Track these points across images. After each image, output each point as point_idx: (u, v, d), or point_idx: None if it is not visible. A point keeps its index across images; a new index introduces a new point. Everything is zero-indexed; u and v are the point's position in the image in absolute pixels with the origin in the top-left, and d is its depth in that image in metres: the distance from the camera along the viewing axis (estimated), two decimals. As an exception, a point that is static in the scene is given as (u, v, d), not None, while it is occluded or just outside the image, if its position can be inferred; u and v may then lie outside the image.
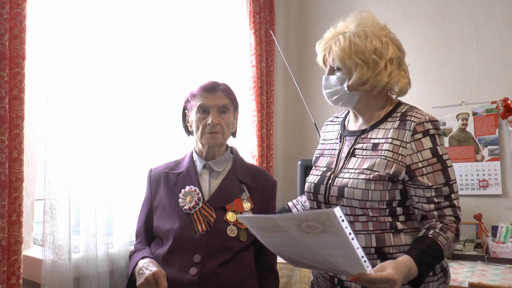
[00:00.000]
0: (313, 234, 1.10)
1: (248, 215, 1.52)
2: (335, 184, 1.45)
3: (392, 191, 1.39)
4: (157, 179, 1.74)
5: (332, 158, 1.55)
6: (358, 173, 1.41)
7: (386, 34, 1.48)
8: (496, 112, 2.66)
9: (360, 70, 1.43)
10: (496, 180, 2.65)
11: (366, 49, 1.42)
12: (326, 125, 1.73)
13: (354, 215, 1.41)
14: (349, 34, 1.45)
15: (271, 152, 3.11)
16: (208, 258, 1.54)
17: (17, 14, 1.65)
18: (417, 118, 1.40)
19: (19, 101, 1.65)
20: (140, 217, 1.77)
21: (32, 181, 1.91)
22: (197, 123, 1.66)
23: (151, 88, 2.30)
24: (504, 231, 2.50)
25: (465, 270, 2.27)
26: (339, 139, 1.59)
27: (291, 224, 1.11)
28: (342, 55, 1.43)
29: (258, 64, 3.01)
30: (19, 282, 1.63)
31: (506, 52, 2.67)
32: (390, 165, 1.38)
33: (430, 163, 1.37)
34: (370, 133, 1.49)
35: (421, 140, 1.38)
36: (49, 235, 1.78)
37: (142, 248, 1.68)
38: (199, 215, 1.59)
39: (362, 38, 1.43)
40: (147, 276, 1.46)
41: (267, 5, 3.20)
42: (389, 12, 3.13)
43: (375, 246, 1.38)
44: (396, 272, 1.17)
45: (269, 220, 1.17)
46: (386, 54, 1.45)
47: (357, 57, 1.42)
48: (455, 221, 1.36)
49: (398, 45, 1.50)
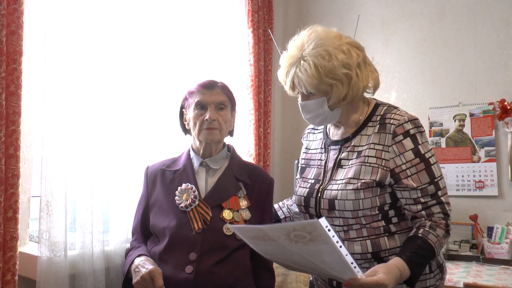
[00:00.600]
0: (302, 243, 1.12)
1: (239, 226, 1.53)
2: (324, 197, 1.45)
3: (381, 195, 1.40)
4: (154, 176, 1.74)
5: (319, 169, 1.55)
6: (345, 183, 1.41)
7: (343, 42, 1.43)
8: (493, 113, 2.67)
9: (336, 89, 1.40)
10: (492, 181, 2.65)
11: (335, 67, 1.38)
12: (309, 134, 1.72)
13: (348, 224, 1.42)
14: (311, 58, 1.39)
15: (268, 151, 3.11)
16: (204, 256, 1.54)
17: (15, 10, 1.65)
18: (396, 120, 1.39)
19: (16, 97, 1.64)
20: (136, 214, 1.77)
21: (28, 178, 1.90)
22: (195, 120, 1.66)
23: (149, 86, 2.29)
24: (500, 232, 2.51)
25: (460, 270, 2.28)
26: (324, 148, 1.58)
27: (280, 234, 1.13)
28: (314, 81, 1.39)
29: (256, 63, 3.01)
30: (14, 278, 1.62)
31: (503, 53, 2.68)
32: (375, 171, 1.38)
33: (413, 164, 1.37)
34: (353, 141, 1.48)
35: (402, 142, 1.38)
36: (45, 232, 1.78)
37: (138, 245, 1.67)
38: (195, 213, 1.59)
39: (326, 58, 1.38)
40: (143, 274, 1.46)
41: (266, 3, 3.19)
42: (387, 12, 3.14)
43: (371, 251, 1.39)
44: (387, 276, 1.18)
45: (259, 230, 1.19)
46: (353, 62, 1.41)
47: (329, 78, 1.38)
48: (443, 218, 1.37)
49: (357, 45, 1.46)
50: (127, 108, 2.17)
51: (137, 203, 1.78)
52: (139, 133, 2.21)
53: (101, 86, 2.03)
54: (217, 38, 2.79)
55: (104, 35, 2.06)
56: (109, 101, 2.07)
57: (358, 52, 1.44)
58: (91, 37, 2.00)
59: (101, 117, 2.02)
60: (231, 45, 2.89)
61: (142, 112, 2.24)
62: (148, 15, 2.33)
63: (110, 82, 2.09)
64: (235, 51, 2.92)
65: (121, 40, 2.17)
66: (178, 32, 2.52)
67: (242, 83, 2.94)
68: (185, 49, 2.56)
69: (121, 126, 2.14)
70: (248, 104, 2.96)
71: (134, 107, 2.20)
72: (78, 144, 1.93)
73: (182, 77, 2.47)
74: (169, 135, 2.32)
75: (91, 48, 2.00)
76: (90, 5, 2.00)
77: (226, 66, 2.84)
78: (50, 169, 1.81)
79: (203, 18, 2.70)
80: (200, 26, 2.67)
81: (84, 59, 1.97)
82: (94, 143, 1.97)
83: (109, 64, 2.08)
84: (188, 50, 2.57)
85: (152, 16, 2.35)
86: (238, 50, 2.94)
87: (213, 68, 2.73)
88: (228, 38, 2.88)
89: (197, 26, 2.65)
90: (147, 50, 2.30)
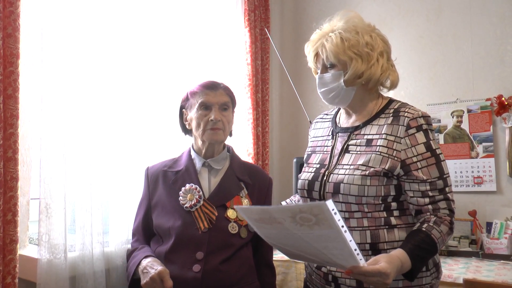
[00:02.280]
0: (307, 227, 1.11)
1: (245, 206, 1.57)
2: (330, 181, 1.46)
3: (387, 186, 1.41)
4: (155, 177, 1.75)
5: (325, 154, 1.56)
6: (354, 169, 1.42)
7: (372, 30, 1.52)
8: (490, 109, 2.68)
9: (355, 63, 1.45)
10: (490, 177, 2.66)
11: (359, 43, 1.45)
12: (316, 122, 1.74)
13: (350, 211, 1.42)
14: (339, 30, 1.48)
15: (266, 150, 3.11)
16: (210, 255, 1.57)
17: (11, 12, 1.64)
18: (410, 114, 1.43)
19: (13, 100, 1.64)
20: (137, 215, 1.78)
21: (27, 180, 1.90)
22: (198, 120, 1.68)
23: (146, 86, 2.29)
24: (499, 227, 2.51)
25: (460, 266, 2.28)
26: (331, 135, 1.60)
27: (286, 216, 1.13)
28: (336, 50, 1.45)
29: (253, 62, 3.01)
30: (14, 281, 1.62)
31: (500, 49, 2.68)
32: (385, 160, 1.40)
33: (425, 157, 1.39)
34: (363, 129, 1.50)
35: (415, 135, 1.40)
36: (44, 234, 1.78)
37: (141, 246, 1.69)
38: (200, 213, 1.61)
39: (353, 33, 1.46)
40: (153, 275, 1.48)
41: (262, 3, 3.19)
42: (383, 9, 3.14)
43: (370, 242, 1.40)
44: (389, 265, 1.18)
45: (264, 212, 1.19)
46: (377, 47, 1.48)
47: (351, 51, 1.45)
48: (449, 214, 1.38)
49: (385, 40, 1.54)
50: (126, 109, 2.17)
51: (138, 204, 1.79)
52: (138, 134, 2.20)
53: (99, 87, 2.03)
54: (214, 38, 2.79)
55: (101, 35, 2.06)
56: (107, 102, 2.07)
57: (384, 44, 1.51)
58: (88, 39, 2.00)
59: (99, 119, 2.02)
60: (228, 44, 2.89)
61: (141, 113, 2.23)
62: (144, 16, 2.33)
63: (108, 83, 2.08)
64: (232, 51, 2.92)
65: (118, 41, 2.16)
66: (175, 32, 2.52)
67: (239, 82, 2.94)
68: (182, 49, 2.55)
69: (120, 127, 2.13)
70: (246, 103, 2.96)
71: (133, 108, 2.20)
72: (76, 146, 1.93)
73: (179, 77, 2.47)
74: (168, 136, 2.32)
75: (88, 50, 2.00)
76: (86, 7, 2.00)
77: (223, 65, 2.84)
78: (48, 171, 1.81)
79: (200, 17, 2.69)
80: (196, 26, 2.67)
81: (81, 60, 1.97)
82: (92, 145, 1.97)
83: (106, 64, 2.08)
84: (185, 50, 2.57)
85: (149, 17, 2.35)
86: (235, 49, 2.94)
87: (210, 67, 2.72)
88: (225, 38, 2.88)
89: (194, 26, 2.65)
90: (144, 51, 2.30)
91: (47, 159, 1.81)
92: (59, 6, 1.89)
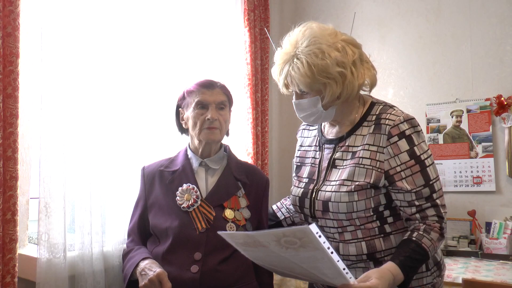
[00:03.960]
0: (293, 249, 1.11)
1: (228, 232, 1.53)
2: (318, 198, 1.44)
3: (376, 197, 1.38)
4: (151, 177, 1.74)
5: (313, 167, 1.54)
6: (339, 185, 1.39)
7: (338, 39, 1.40)
8: (489, 109, 2.68)
9: (330, 88, 1.37)
10: (489, 177, 2.66)
11: (328, 66, 1.34)
12: (303, 130, 1.71)
13: (342, 226, 1.41)
14: (304, 56, 1.36)
15: (266, 149, 3.11)
16: (208, 256, 1.55)
17: (11, 11, 1.64)
18: (392, 121, 1.37)
19: (13, 99, 1.64)
20: (133, 215, 1.76)
21: (26, 180, 1.90)
22: (195, 119, 1.66)
23: (146, 86, 2.29)
24: (498, 227, 2.51)
25: (459, 266, 2.28)
26: (318, 146, 1.57)
27: (270, 240, 1.12)
28: (306, 80, 1.36)
29: (253, 62, 3.01)
30: (14, 280, 1.62)
31: (499, 49, 2.68)
32: (369, 173, 1.37)
33: (408, 166, 1.35)
34: (347, 140, 1.46)
35: (397, 144, 1.36)
36: (44, 234, 1.77)
37: (137, 247, 1.67)
38: (197, 213, 1.60)
39: (319, 56, 1.35)
40: (151, 277, 1.46)
41: (262, 2, 3.19)
42: (383, 9, 3.14)
43: (367, 253, 1.39)
44: (380, 281, 1.18)
45: (249, 237, 1.19)
46: (348, 60, 1.37)
47: (322, 76, 1.35)
48: (438, 221, 1.34)
49: (353, 43, 1.43)
50: (125, 108, 2.17)
51: (134, 204, 1.78)
52: (138, 133, 2.20)
53: (99, 86, 2.03)
54: (214, 37, 2.79)
55: (100, 35, 2.05)
56: (107, 102, 2.07)
57: (354, 49, 1.41)
58: (88, 38, 2.00)
59: (99, 118, 2.02)
60: (227, 44, 2.89)
61: (140, 112, 2.23)
62: (144, 16, 2.32)
63: (107, 83, 2.08)
64: (232, 50, 2.92)
65: (117, 40, 2.16)
66: (174, 31, 2.52)
67: (239, 82, 2.94)
68: (182, 49, 2.55)
69: (119, 127, 2.13)
70: (245, 103, 2.96)
71: (132, 107, 2.20)
72: (76, 145, 1.92)
73: (179, 77, 2.47)
74: (167, 136, 2.32)
75: (88, 49, 1.99)
76: (86, 6, 2.00)
77: (223, 65, 2.84)
78: (48, 170, 1.81)
79: (199, 17, 2.69)
80: (196, 26, 2.67)
81: (80, 60, 1.96)
82: (92, 144, 1.97)
83: (105, 64, 2.08)
84: (184, 49, 2.57)
85: (148, 17, 2.35)
86: (235, 49, 2.94)
87: (209, 67, 2.72)
88: (225, 37, 2.88)
89: (193, 25, 2.65)
90: (144, 51, 2.30)
91: (46, 158, 1.81)
92: (59, 5, 1.89)
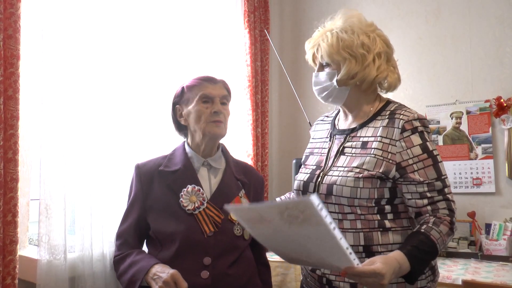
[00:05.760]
0: (296, 224, 1.09)
1: (234, 206, 1.48)
2: (324, 182, 1.45)
3: (380, 189, 1.40)
4: (150, 176, 1.64)
5: (322, 156, 1.56)
6: (347, 171, 1.42)
7: (373, 30, 1.51)
8: (489, 110, 2.68)
9: (348, 64, 1.46)
10: (489, 178, 2.67)
11: (353, 44, 1.45)
12: (317, 124, 1.74)
13: (343, 213, 1.41)
14: (336, 30, 1.49)
15: (266, 150, 3.12)
16: (218, 260, 1.51)
17: (12, 14, 1.65)
18: (406, 116, 1.42)
19: (14, 101, 1.64)
20: (128, 217, 1.65)
21: (27, 181, 1.90)
22: (199, 113, 1.60)
23: (148, 88, 2.29)
24: (497, 228, 2.51)
25: (459, 267, 2.28)
26: (329, 137, 1.60)
27: (274, 213, 1.11)
28: (330, 50, 1.47)
29: (253, 63, 3.02)
30: (14, 282, 1.63)
31: (499, 50, 2.69)
32: (379, 163, 1.39)
33: (421, 159, 1.38)
34: (359, 132, 1.50)
35: (410, 137, 1.39)
36: (44, 235, 1.78)
37: (137, 251, 1.60)
38: (204, 216, 1.54)
39: (349, 33, 1.47)
40: (166, 279, 1.39)
41: (262, 4, 3.20)
42: (383, 10, 3.14)
43: (363, 244, 1.38)
44: (385, 266, 1.16)
45: (252, 210, 1.17)
46: (374, 48, 1.48)
47: (345, 51, 1.45)
48: (449, 214, 1.36)
49: (385, 41, 1.53)
50: (126, 110, 2.17)
51: (129, 204, 1.67)
52: (138, 136, 2.21)
53: (100, 88, 2.03)
54: (214, 39, 2.80)
55: (101, 37, 2.06)
56: (108, 104, 2.07)
57: (383, 45, 1.51)
58: (88, 40, 2.00)
59: (99, 120, 2.02)
60: (227, 45, 2.90)
61: (141, 114, 2.24)
62: (144, 17, 2.33)
63: (108, 85, 2.08)
64: (232, 52, 2.93)
65: (118, 42, 2.16)
66: (175, 33, 2.52)
67: (239, 83, 2.94)
68: (182, 50, 2.56)
69: (120, 129, 2.13)
70: (246, 104, 2.97)
71: (133, 109, 2.20)
72: (76, 147, 1.93)
73: (180, 78, 2.47)
74: (167, 136, 2.31)
75: (89, 51, 2.00)
76: (86, 8, 2.00)
77: (223, 66, 2.84)
78: (48, 172, 1.81)
79: (200, 19, 2.70)
80: (196, 27, 2.67)
81: (81, 62, 1.97)
82: (92, 146, 1.97)
83: (106, 66, 2.08)
84: (184, 51, 2.58)
85: (148, 18, 2.36)
86: (235, 51, 2.95)
87: (210, 68, 2.72)
88: (225, 39, 2.88)
89: (193, 27, 2.65)
90: (144, 52, 2.31)
91: (47, 160, 1.81)
92: (60, 7, 1.90)
